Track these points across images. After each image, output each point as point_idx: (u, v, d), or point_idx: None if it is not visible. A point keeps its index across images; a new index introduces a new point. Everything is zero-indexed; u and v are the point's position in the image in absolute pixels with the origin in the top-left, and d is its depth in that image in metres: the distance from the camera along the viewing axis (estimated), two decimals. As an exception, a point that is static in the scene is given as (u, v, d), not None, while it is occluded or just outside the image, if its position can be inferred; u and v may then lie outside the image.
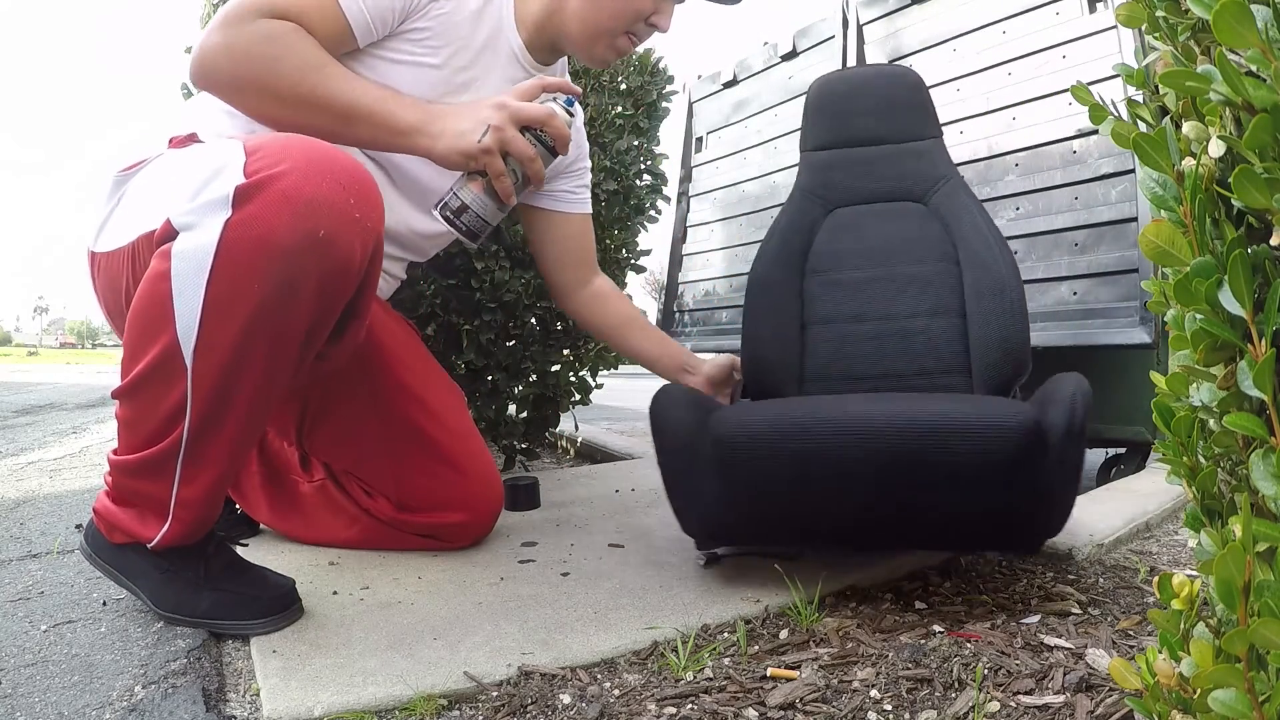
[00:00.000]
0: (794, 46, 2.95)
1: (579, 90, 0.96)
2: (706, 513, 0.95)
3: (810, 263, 1.31)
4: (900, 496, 0.86)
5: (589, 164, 1.27)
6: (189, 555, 0.88)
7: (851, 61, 2.69)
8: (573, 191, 1.22)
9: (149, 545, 0.87)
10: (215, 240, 0.73)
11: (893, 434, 0.82)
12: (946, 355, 1.24)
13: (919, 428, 0.82)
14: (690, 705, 0.69)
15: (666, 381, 1.19)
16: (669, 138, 3.24)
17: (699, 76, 3.43)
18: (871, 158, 1.38)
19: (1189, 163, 0.40)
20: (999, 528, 0.89)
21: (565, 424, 2.26)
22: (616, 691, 0.72)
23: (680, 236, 3.36)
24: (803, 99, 1.50)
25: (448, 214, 0.91)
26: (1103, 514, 1.28)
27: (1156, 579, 0.44)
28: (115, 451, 0.87)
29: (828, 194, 1.35)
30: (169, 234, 0.77)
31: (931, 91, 1.39)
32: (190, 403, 0.78)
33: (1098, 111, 0.48)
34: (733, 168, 3.09)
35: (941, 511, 0.86)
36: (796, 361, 1.24)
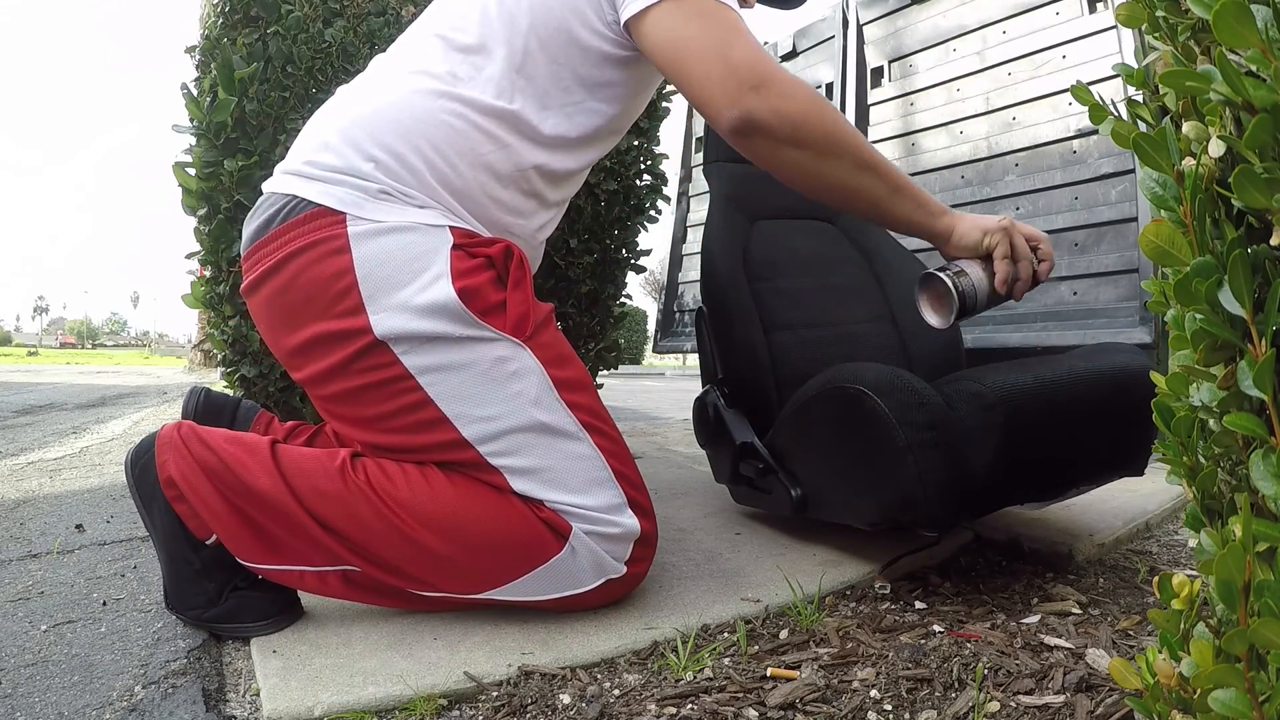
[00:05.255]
0: (794, 46, 2.96)
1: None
2: (965, 485, 0.88)
3: (750, 270, 1.32)
4: (1101, 432, 0.98)
5: None
6: (220, 555, 0.87)
7: (852, 62, 2.69)
8: None
9: (200, 538, 0.86)
10: (592, 582, 0.86)
11: (1108, 381, 0.96)
12: (892, 356, 1.35)
13: (1121, 375, 0.97)
14: (690, 705, 0.69)
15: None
16: (669, 138, 3.24)
17: (699, 76, 3.42)
18: None
19: (1189, 163, 0.40)
20: (1136, 452, 1.02)
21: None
22: (616, 691, 0.72)
23: (680, 236, 3.36)
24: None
25: (951, 277, 0.88)
26: (1102, 514, 1.28)
27: (1156, 579, 0.44)
28: (290, 487, 0.83)
29: (749, 205, 1.38)
30: (556, 522, 0.84)
31: (931, 91, 1.39)
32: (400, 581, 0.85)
33: (1098, 111, 0.48)
34: (733, 167, 3.10)
35: (1113, 442, 0.99)
36: (769, 367, 1.25)
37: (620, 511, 0.86)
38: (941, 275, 0.89)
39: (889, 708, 0.68)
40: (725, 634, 0.85)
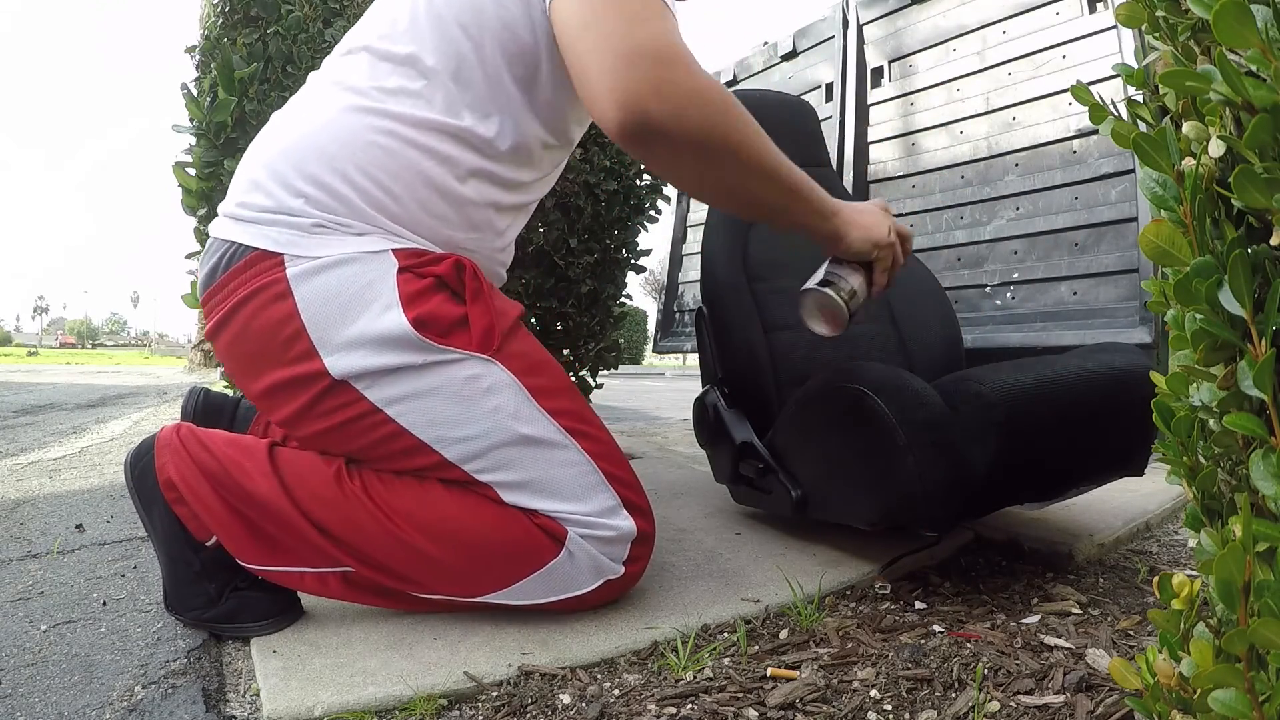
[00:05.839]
0: (794, 46, 2.95)
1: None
2: (966, 485, 0.88)
3: (750, 270, 1.32)
4: (1101, 432, 0.98)
5: None
6: (220, 556, 0.87)
7: (852, 62, 2.69)
8: None
9: (200, 540, 0.86)
10: (591, 584, 0.85)
11: (1108, 381, 0.96)
12: (892, 356, 1.35)
13: (1121, 375, 0.97)
14: (690, 705, 0.69)
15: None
16: (669, 138, 3.23)
17: (699, 76, 3.43)
18: None
19: (1189, 163, 0.40)
20: (1136, 453, 1.03)
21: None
22: (616, 691, 0.72)
23: (680, 236, 3.36)
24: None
25: (843, 298, 0.89)
26: (1103, 514, 1.28)
27: (1156, 579, 0.44)
28: (288, 496, 0.83)
29: None
30: (554, 528, 0.83)
31: (931, 91, 1.40)
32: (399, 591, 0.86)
33: (1098, 111, 0.48)
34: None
35: (1113, 442, 0.99)
36: (769, 367, 1.25)
37: (614, 514, 0.85)
38: (830, 294, 0.89)
39: (889, 708, 0.68)
40: (725, 634, 0.85)
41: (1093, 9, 2.03)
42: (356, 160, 0.82)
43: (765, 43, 3.11)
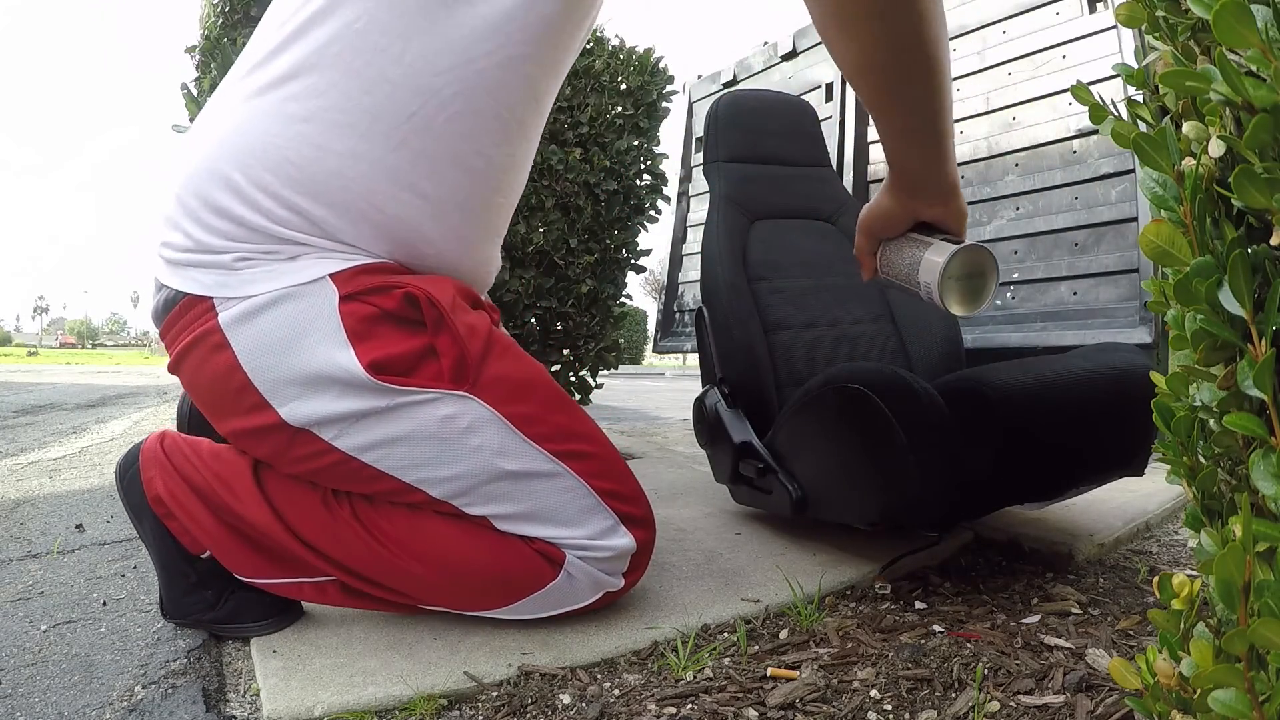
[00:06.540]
0: (794, 46, 2.95)
1: None
2: (965, 485, 0.88)
3: (750, 270, 1.32)
4: (1101, 432, 0.97)
5: None
6: (216, 566, 0.86)
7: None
8: None
9: (193, 552, 0.86)
10: (590, 598, 0.84)
11: (1108, 381, 0.96)
12: (891, 356, 1.35)
13: (1121, 375, 0.96)
14: (690, 705, 0.69)
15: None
16: (669, 138, 3.24)
17: (699, 76, 3.43)
18: (782, 176, 1.45)
19: (1189, 163, 0.40)
20: (1136, 452, 1.02)
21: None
22: (616, 691, 0.72)
23: (680, 236, 3.36)
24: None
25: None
26: (1103, 514, 1.28)
27: (1156, 579, 0.44)
28: (277, 515, 0.81)
29: (749, 205, 1.38)
30: (553, 553, 0.81)
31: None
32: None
33: (1098, 111, 0.48)
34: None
35: (1113, 441, 0.99)
36: (769, 367, 1.25)
37: (612, 534, 0.82)
38: (984, 248, 0.70)
39: (889, 708, 0.68)
40: (725, 634, 0.85)
41: (1093, 9, 2.03)
42: (258, 180, 0.74)
43: (765, 43, 3.11)
